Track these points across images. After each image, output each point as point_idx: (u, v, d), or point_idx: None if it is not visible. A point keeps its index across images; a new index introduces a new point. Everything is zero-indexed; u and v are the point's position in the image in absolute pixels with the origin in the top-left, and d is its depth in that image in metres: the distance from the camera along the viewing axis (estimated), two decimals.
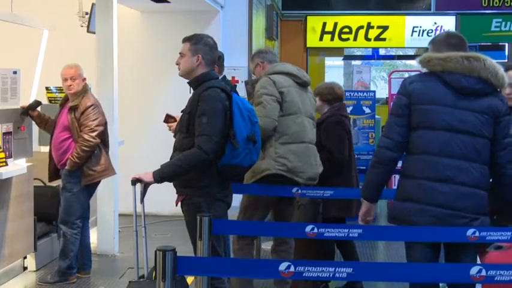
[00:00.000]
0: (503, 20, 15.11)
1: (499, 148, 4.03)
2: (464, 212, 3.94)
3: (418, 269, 3.50)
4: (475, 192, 3.96)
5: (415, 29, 15.20)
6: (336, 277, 3.31)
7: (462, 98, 3.97)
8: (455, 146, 3.93)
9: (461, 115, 3.95)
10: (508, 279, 3.22)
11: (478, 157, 3.96)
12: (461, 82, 3.96)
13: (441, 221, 3.92)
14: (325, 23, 15.23)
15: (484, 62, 3.99)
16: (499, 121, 4.02)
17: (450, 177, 3.91)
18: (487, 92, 4.00)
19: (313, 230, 4.07)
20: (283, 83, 5.53)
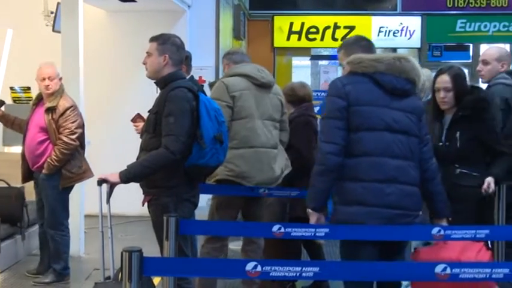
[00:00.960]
0: (468, 21, 15.26)
1: (422, 145, 4.13)
2: (409, 210, 4.00)
3: (383, 267, 3.52)
4: (415, 190, 4.04)
5: (381, 29, 15.29)
6: (302, 276, 3.32)
7: (393, 98, 4.02)
8: (395, 146, 3.97)
9: (395, 115, 4.00)
10: (472, 276, 3.26)
11: (412, 156, 4.04)
12: (393, 83, 4.02)
13: (390, 221, 3.94)
14: (292, 23, 15.25)
15: (412, 63, 4.08)
16: (421, 119, 4.13)
17: (395, 177, 3.94)
18: (413, 92, 4.10)
19: (280, 230, 4.07)
20: (237, 86, 5.47)
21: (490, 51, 5.78)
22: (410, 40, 15.35)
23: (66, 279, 6.63)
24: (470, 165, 4.94)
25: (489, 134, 4.99)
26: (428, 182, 4.15)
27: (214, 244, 5.48)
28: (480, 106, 4.97)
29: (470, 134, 4.94)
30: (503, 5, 15.17)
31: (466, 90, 5.00)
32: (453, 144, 4.97)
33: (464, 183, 4.91)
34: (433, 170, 4.18)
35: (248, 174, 5.40)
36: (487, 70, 5.65)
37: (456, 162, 4.96)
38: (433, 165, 4.19)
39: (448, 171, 4.89)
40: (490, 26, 15.28)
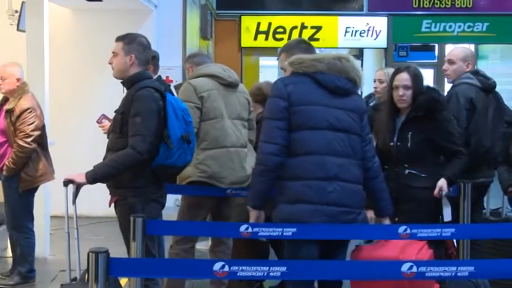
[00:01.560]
0: (433, 21, 15.40)
1: (365, 144, 4.19)
2: (351, 207, 4.05)
3: (350, 266, 3.54)
4: (357, 188, 4.10)
5: (347, 29, 15.36)
6: (270, 276, 3.33)
7: (334, 97, 4.09)
8: (337, 144, 4.03)
9: (337, 114, 4.06)
10: (438, 275, 3.29)
11: (354, 154, 4.10)
12: (335, 82, 4.08)
13: (333, 218, 3.99)
14: (260, 23, 15.26)
15: (352, 62, 4.15)
16: (362, 118, 4.18)
17: (336, 175, 4.00)
18: (353, 91, 4.17)
19: (248, 230, 4.07)
20: (204, 87, 5.45)
21: (456, 51, 5.84)
22: (376, 40, 15.44)
23: (31, 281, 6.56)
24: (420, 167, 4.91)
25: (443, 134, 4.96)
26: (371, 180, 4.22)
27: (184, 245, 5.46)
28: (433, 107, 4.94)
29: (422, 135, 4.91)
30: (467, 5, 15.34)
31: (422, 90, 5.00)
32: (404, 144, 4.93)
33: (413, 184, 4.89)
34: (375, 169, 4.24)
35: (221, 175, 5.40)
36: (453, 70, 5.70)
37: (406, 163, 4.93)
38: (376, 164, 4.25)
39: (397, 172, 4.92)
40: (455, 27, 15.44)
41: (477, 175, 5.51)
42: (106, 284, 3.19)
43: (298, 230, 4.03)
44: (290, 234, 4.06)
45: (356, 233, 4.28)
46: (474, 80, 5.58)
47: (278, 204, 4.10)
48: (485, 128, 5.53)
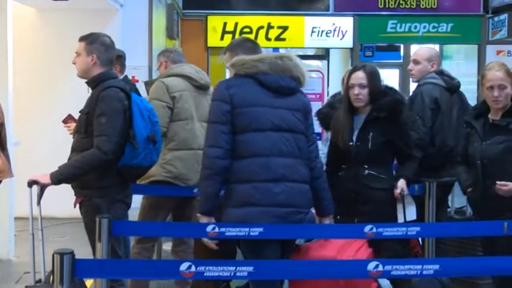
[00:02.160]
0: (399, 22, 15.51)
1: (309, 144, 4.20)
2: (300, 207, 4.06)
3: (316, 266, 3.55)
4: (305, 187, 4.10)
5: (314, 29, 15.41)
6: (237, 276, 3.32)
7: (278, 97, 4.07)
8: (282, 145, 4.02)
9: (282, 114, 4.05)
10: (404, 273, 3.30)
11: (300, 154, 4.10)
12: (278, 82, 4.07)
13: (283, 219, 3.99)
14: (226, 23, 15.25)
15: (295, 60, 4.14)
16: (308, 117, 4.20)
17: (283, 176, 3.99)
18: (298, 90, 4.17)
19: (214, 230, 4.05)
20: (177, 87, 5.44)
21: (421, 51, 5.89)
22: (342, 40, 15.51)
23: None
24: (379, 168, 4.87)
25: (402, 137, 4.94)
26: (314, 180, 4.22)
27: (145, 244, 5.45)
28: (396, 109, 4.89)
29: (383, 136, 4.85)
30: (432, 6, 15.48)
31: (380, 90, 4.93)
32: (364, 145, 4.87)
33: (372, 185, 4.84)
34: (319, 169, 4.26)
35: (186, 176, 5.39)
36: (418, 70, 5.75)
37: (365, 164, 4.87)
38: (319, 164, 4.28)
39: (357, 172, 4.87)
40: (420, 27, 15.57)
41: (442, 174, 5.56)
42: (71, 285, 3.16)
43: (265, 230, 4.04)
44: (257, 234, 4.06)
45: (324, 233, 4.31)
46: (439, 80, 5.63)
47: (226, 208, 4.08)
48: (449, 128, 5.58)
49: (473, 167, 4.74)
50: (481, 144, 4.70)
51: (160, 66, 5.87)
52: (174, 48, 5.82)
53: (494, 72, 4.64)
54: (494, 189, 4.52)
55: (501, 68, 4.65)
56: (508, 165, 4.55)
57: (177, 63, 5.73)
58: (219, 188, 4.04)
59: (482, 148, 4.68)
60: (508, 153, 4.58)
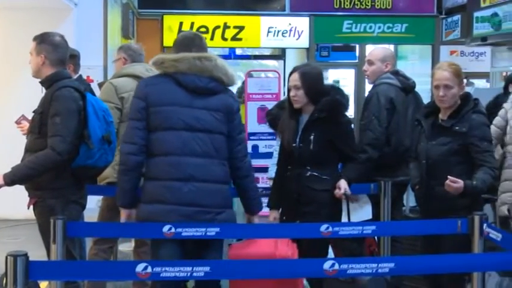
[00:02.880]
0: (354, 22, 15.62)
1: (235, 144, 4.24)
2: (208, 207, 4.10)
3: (272, 265, 3.55)
4: (218, 187, 4.14)
5: (270, 29, 15.43)
6: (193, 276, 3.31)
7: (196, 97, 4.13)
8: (195, 144, 4.08)
9: (198, 114, 4.11)
10: (359, 272, 3.33)
11: (217, 154, 4.14)
12: (195, 82, 4.12)
13: (190, 218, 4.06)
14: (182, 23, 15.19)
15: (215, 61, 4.17)
16: (233, 118, 4.22)
17: (192, 176, 4.05)
18: (219, 90, 4.19)
19: (171, 230, 4.04)
20: (126, 88, 5.40)
21: (375, 52, 5.92)
22: (298, 40, 15.57)
23: None
24: (322, 169, 4.82)
25: (343, 138, 4.89)
26: (241, 179, 4.31)
27: (102, 245, 5.41)
28: (336, 109, 4.85)
29: (324, 136, 4.81)
30: (387, 6, 15.62)
31: (318, 90, 4.86)
32: (307, 146, 4.83)
33: (314, 186, 4.80)
34: (246, 168, 4.31)
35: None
36: (372, 70, 5.78)
37: (308, 165, 4.83)
38: (246, 164, 4.31)
39: (299, 173, 4.85)
40: (375, 27, 15.70)
41: (397, 174, 5.60)
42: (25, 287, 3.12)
43: (221, 230, 4.04)
44: (213, 234, 4.07)
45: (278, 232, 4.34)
46: (394, 80, 5.67)
47: (140, 203, 4.18)
48: (405, 128, 5.63)
49: (420, 166, 4.80)
50: (427, 143, 4.75)
51: (118, 60, 5.80)
52: (137, 47, 5.73)
53: (442, 71, 4.69)
54: (437, 189, 4.57)
55: (449, 68, 4.70)
56: (451, 166, 4.60)
57: (136, 62, 5.68)
58: (134, 182, 4.16)
59: (427, 148, 4.73)
60: (451, 155, 4.63)
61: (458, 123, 4.63)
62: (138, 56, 5.83)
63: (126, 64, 5.69)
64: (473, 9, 13.34)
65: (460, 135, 4.60)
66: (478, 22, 13.15)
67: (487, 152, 4.60)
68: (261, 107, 9.15)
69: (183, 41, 4.43)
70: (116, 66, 5.81)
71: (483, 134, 4.63)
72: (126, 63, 5.70)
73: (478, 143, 4.57)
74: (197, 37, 4.49)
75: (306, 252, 4.47)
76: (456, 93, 4.67)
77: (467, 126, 4.59)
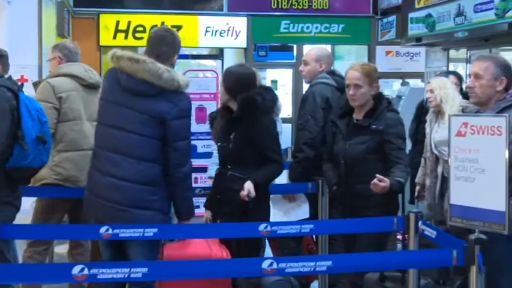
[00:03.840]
0: (291, 22, 15.71)
1: (170, 150, 4.25)
2: (116, 203, 4.19)
3: (211, 265, 3.55)
4: (125, 185, 4.19)
5: (208, 29, 15.42)
6: (131, 278, 3.28)
7: (129, 96, 4.21)
8: (114, 140, 4.22)
9: (124, 113, 4.21)
10: (298, 270, 3.35)
11: (133, 153, 4.20)
12: (127, 82, 4.21)
13: (96, 209, 4.29)
14: (119, 22, 15.05)
15: (144, 64, 4.18)
16: (168, 124, 4.21)
17: (108, 171, 4.21)
18: (153, 93, 4.20)
19: (108, 231, 4.00)
20: (64, 87, 5.32)
21: (310, 52, 5.97)
22: (236, 40, 15.59)
23: None
24: (242, 168, 4.72)
25: (261, 138, 4.75)
26: (170, 187, 4.31)
27: (37, 247, 5.31)
28: (248, 106, 4.74)
29: (243, 135, 4.74)
30: (324, 7, 15.76)
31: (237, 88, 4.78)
32: (227, 145, 4.80)
33: (234, 187, 4.69)
34: (176, 178, 4.29)
35: (77, 178, 5.27)
36: (307, 70, 5.82)
37: (229, 164, 4.80)
38: (179, 174, 4.29)
39: (222, 173, 4.85)
40: (312, 28, 15.82)
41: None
42: None
43: (159, 231, 4.02)
44: (151, 235, 4.04)
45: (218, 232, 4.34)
46: (330, 80, 5.72)
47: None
48: None
49: (338, 166, 4.85)
50: (344, 144, 4.80)
51: (53, 60, 5.70)
52: (73, 46, 5.62)
53: (353, 71, 4.80)
54: (356, 188, 4.63)
55: (360, 68, 4.80)
56: (370, 165, 4.67)
57: (71, 61, 5.59)
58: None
59: (345, 148, 4.79)
60: (369, 153, 4.70)
61: (374, 122, 4.71)
62: (74, 55, 5.73)
63: (61, 63, 5.59)
64: (408, 10, 13.55)
65: (377, 134, 4.68)
66: (412, 23, 13.36)
67: (401, 149, 4.70)
68: (199, 107, 9.13)
69: (154, 38, 4.46)
70: (51, 65, 5.71)
71: (398, 131, 4.74)
72: (61, 63, 5.61)
73: (393, 140, 4.66)
74: (169, 34, 4.48)
75: (239, 252, 4.46)
76: (366, 93, 4.75)
77: (384, 125, 4.67)
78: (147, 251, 4.24)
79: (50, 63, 5.77)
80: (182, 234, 4.36)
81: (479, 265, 3.43)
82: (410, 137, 7.16)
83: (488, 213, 3.58)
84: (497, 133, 3.57)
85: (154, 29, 4.68)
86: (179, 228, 4.37)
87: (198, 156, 8.22)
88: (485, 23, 10.90)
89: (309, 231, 4.39)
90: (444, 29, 12.22)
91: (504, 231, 3.53)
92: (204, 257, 4.21)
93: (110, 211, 4.19)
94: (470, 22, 11.30)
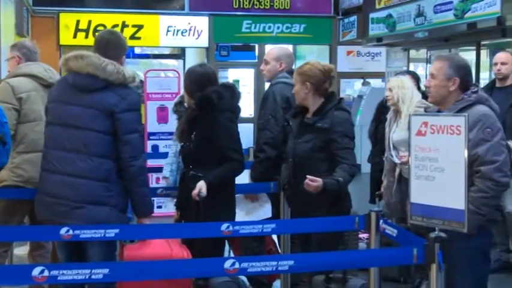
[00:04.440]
0: (253, 22, 15.75)
1: (121, 144, 4.23)
2: (67, 200, 4.20)
3: (174, 265, 3.54)
4: (80, 182, 4.19)
5: (169, 28, 15.38)
6: (92, 279, 3.25)
7: (76, 94, 4.25)
8: (65, 140, 4.22)
9: (72, 110, 4.24)
10: (260, 270, 3.35)
11: (86, 149, 4.20)
12: (73, 79, 4.27)
13: (47, 208, 4.27)
14: (79, 21, 14.94)
15: (87, 58, 4.24)
16: (117, 117, 4.21)
17: (56, 169, 4.23)
18: (98, 87, 4.23)
19: (68, 232, 3.97)
20: (24, 88, 5.25)
21: (271, 51, 5.98)
22: (198, 40, 15.57)
23: None
24: (203, 168, 4.67)
25: (220, 137, 4.70)
26: (126, 181, 4.29)
27: None
28: (203, 105, 4.71)
29: (202, 135, 4.71)
30: (285, 7, 15.83)
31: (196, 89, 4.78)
32: (189, 145, 4.78)
33: (193, 186, 4.64)
34: (131, 172, 4.25)
35: (37, 179, 5.21)
36: (267, 69, 5.83)
37: (191, 164, 4.78)
38: (134, 167, 4.25)
39: (185, 173, 4.83)
40: (274, 27, 15.88)
41: None
42: None
43: (120, 231, 4.00)
44: (113, 236, 4.02)
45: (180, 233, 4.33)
46: (290, 79, 5.71)
47: None
48: None
49: (288, 165, 4.87)
50: (293, 142, 4.82)
51: (12, 59, 5.62)
52: (31, 45, 5.54)
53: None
54: (303, 187, 4.63)
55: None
56: (317, 163, 4.68)
57: (31, 61, 5.52)
58: None
59: (294, 146, 4.80)
60: (315, 152, 4.70)
61: (320, 120, 4.71)
62: (33, 54, 5.65)
63: (20, 63, 5.52)
64: (369, 10, 13.68)
65: (323, 132, 4.68)
66: (373, 23, 13.49)
67: (347, 148, 4.68)
68: (161, 107, 9.09)
69: (101, 42, 4.44)
70: (10, 65, 5.63)
71: (345, 130, 4.72)
72: (20, 62, 5.53)
73: (339, 139, 4.66)
74: (115, 37, 4.49)
75: (200, 252, 4.44)
76: (298, 91, 4.79)
77: (329, 123, 4.68)
78: (107, 251, 4.22)
79: (8, 63, 5.69)
80: (144, 234, 4.33)
81: (439, 263, 3.46)
82: (369, 137, 7.21)
83: (448, 211, 3.61)
84: (457, 132, 3.60)
85: (99, 33, 4.68)
86: (141, 229, 4.34)
87: (160, 156, 8.18)
88: (444, 24, 11.04)
89: (270, 231, 4.39)
90: (404, 29, 12.35)
91: (463, 230, 3.57)
92: (165, 257, 4.19)
93: (65, 209, 4.17)
94: (430, 22, 11.44)
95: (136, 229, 4.32)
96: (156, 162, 8.22)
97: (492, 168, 3.87)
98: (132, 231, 4.27)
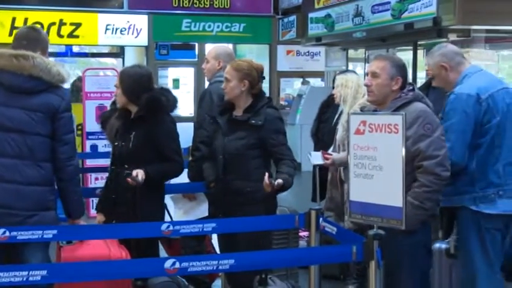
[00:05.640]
0: (193, 21, 15.71)
1: (60, 144, 4.14)
2: (16, 209, 4.02)
3: (113, 265, 3.51)
4: (29, 189, 4.05)
5: (108, 26, 15.23)
6: (29, 281, 3.21)
7: (14, 96, 4.05)
8: (7, 145, 4.02)
9: (12, 114, 4.03)
10: (200, 269, 3.35)
11: (31, 155, 4.06)
12: (10, 81, 4.04)
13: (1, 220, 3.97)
14: (15, 18, 14.67)
15: (33, 60, 4.06)
16: (58, 118, 4.12)
17: (2, 176, 4.00)
18: (41, 89, 4.08)
19: (4, 234, 3.89)
20: None
21: (210, 51, 5.97)
22: (137, 38, 15.46)
23: None
24: (141, 168, 4.59)
25: (162, 137, 4.71)
26: (61, 182, 4.21)
27: None
28: (152, 106, 4.68)
29: (144, 135, 4.67)
30: (225, 6, 15.83)
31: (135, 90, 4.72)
32: (127, 144, 4.72)
33: (130, 186, 4.58)
34: (69, 172, 4.19)
35: None
36: (207, 68, 5.81)
37: (126, 163, 4.71)
38: (70, 167, 4.19)
39: (118, 173, 4.77)
40: (214, 26, 15.87)
41: None
42: None
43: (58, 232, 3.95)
44: (51, 237, 3.96)
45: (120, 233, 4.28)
46: None
47: None
48: None
49: (216, 163, 4.85)
50: (223, 139, 4.82)
51: None
52: None
53: (228, 65, 4.86)
54: (234, 184, 4.63)
55: (234, 63, 4.86)
56: (248, 160, 4.70)
57: None
58: None
59: (224, 143, 4.80)
60: (248, 149, 4.70)
61: (254, 117, 4.73)
62: None
63: None
64: (308, 10, 13.78)
65: (256, 129, 4.69)
66: (312, 23, 13.59)
67: (283, 145, 4.72)
68: (99, 106, 8.99)
69: (20, 36, 4.31)
70: None
71: (277, 127, 4.75)
72: None
73: (274, 136, 4.69)
74: (40, 34, 4.37)
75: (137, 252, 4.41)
76: (234, 87, 4.78)
77: (263, 120, 4.71)
78: (44, 252, 4.14)
79: None
80: (82, 235, 4.28)
81: (378, 260, 3.51)
82: (312, 135, 7.25)
83: (386, 209, 3.66)
84: (394, 131, 3.65)
85: (21, 30, 4.56)
86: (79, 230, 4.29)
87: (99, 156, 8.11)
88: (382, 24, 11.20)
89: (211, 230, 4.39)
90: (343, 29, 12.48)
91: (401, 227, 3.62)
92: (103, 257, 4.15)
93: (18, 220, 3.99)
94: (368, 23, 11.59)
95: (75, 230, 4.26)
96: (95, 162, 8.13)
97: (434, 163, 3.96)
98: (70, 232, 4.21)
